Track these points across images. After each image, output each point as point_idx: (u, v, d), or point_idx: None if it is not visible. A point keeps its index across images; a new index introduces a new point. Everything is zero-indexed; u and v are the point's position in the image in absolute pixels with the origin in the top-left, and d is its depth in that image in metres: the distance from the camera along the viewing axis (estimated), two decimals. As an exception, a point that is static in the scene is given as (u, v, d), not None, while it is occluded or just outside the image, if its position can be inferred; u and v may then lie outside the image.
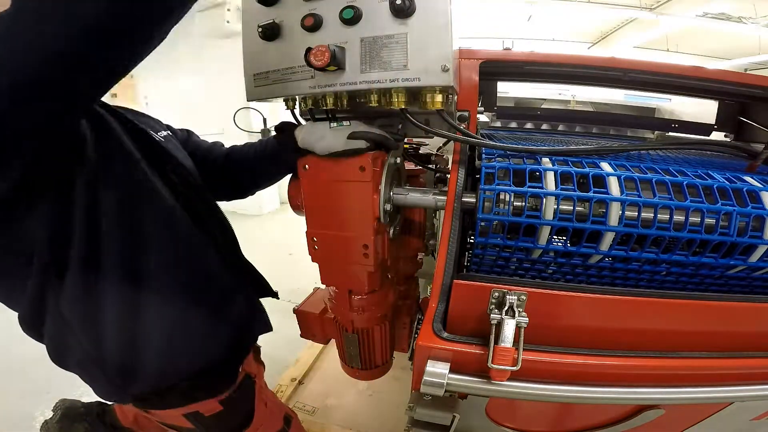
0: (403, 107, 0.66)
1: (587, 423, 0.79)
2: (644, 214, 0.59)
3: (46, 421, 0.95)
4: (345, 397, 1.69)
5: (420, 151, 1.28)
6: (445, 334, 0.59)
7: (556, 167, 0.64)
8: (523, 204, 0.60)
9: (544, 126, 1.29)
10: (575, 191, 0.60)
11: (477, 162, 0.75)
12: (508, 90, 1.58)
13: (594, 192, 0.59)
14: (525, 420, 0.84)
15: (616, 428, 0.75)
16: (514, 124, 1.32)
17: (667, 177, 0.60)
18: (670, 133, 1.21)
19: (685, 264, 0.62)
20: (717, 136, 1.11)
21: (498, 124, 1.26)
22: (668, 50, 7.09)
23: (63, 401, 0.97)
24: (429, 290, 0.74)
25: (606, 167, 0.64)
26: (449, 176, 0.76)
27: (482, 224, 0.63)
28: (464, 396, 0.65)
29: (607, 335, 0.60)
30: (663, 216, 0.58)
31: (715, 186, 0.59)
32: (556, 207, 0.60)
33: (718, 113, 1.10)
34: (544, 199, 0.60)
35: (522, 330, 0.54)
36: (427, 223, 1.16)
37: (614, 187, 0.60)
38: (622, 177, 0.60)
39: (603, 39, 7.55)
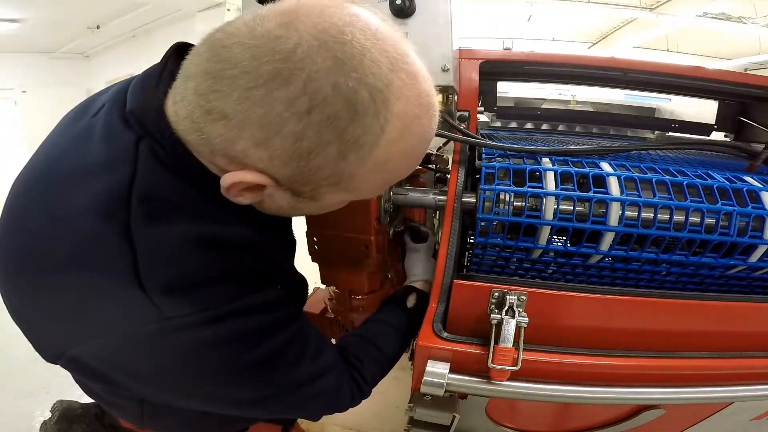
0: (403, 107, 0.66)
1: (587, 423, 0.79)
2: (644, 214, 0.58)
3: (45, 422, 0.94)
4: (345, 397, 1.69)
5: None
6: (445, 334, 0.59)
7: (556, 167, 0.63)
8: (523, 204, 0.60)
9: (544, 126, 1.29)
10: (575, 191, 0.60)
11: (477, 162, 0.75)
12: (508, 90, 1.58)
13: (594, 192, 0.59)
14: (525, 420, 0.84)
15: (616, 428, 0.75)
16: (514, 124, 1.32)
17: (667, 177, 0.60)
18: (670, 133, 1.21)
19: (685, 264, 0.62)
20: (717, 136, 1.11)
21: (498, 124, 1.26)
22: (668, 50, 7.10)
23: (60, 402, 0.96)
24: (429, 290, 0.74)
25: (606, 167, 0.64)
26: (449, 176, 0.76)
27: (482, 224, 0.63)
28: (464, 396, 0.65)
29: (607, 335, 0.60)
30: (663, 216, 0.58)
31: (715, 186, 0.59)
32: (556, 207, 0.60)
33: (718, 113, 1.09)
34: (544, 199, 0.60)
35: (522, 330, 0.54)
36: (427, 223, 1.16)
37: (614, 187, 0.60)
38: (622, 177, 0.60)
39: (603, 39, 7.56)
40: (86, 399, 0.66)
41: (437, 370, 0.57)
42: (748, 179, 0.64)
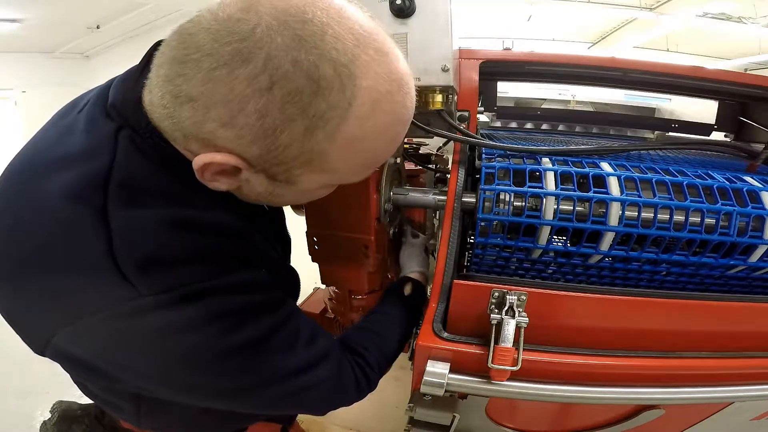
0: (403, 107, 0.66)
1: (587, 423, 0.79)
2: (644, 214, 0.58)
3: (45, 423, 0.94)
4: (345, 397, 1.69)
5: (420, 151, 1.28)
6: (445, 334, 0.59)
7: (556, 167, 0.63)
8: (523, 204, 0.60)
9: (544, 126, 1.29)
10: (575, 191, 0.60)
11: (477, 162, 0.75)
12: (508, 90, 1.58)
13: (594, 192, 0.59)
14: (525, 420, 0.84)
15: (616, 428, 0.75)
16: (514, 124, 1.32)
17: (667, 177, 0.60)
18: (670, 133, 1.21)
19: (685, 264, 0.62)
20: (717, 136, 1.11)
21: (498, 124, 1.26)
22: (668, 50, 7.09)
23: (60, 403, 0.96)
24: (429, 290, 0.74)
25: (606, 167, 0.64)
26: (449, 176, 0.76)
27: (482, 224, 0.63)
28: (464, 396, 0.65)
29: (607, 335, 0.60)
30: (663, 216, 0.58)
31: (715, 186, 0.59)
32: (556, 207, 0.60)
33: (718, 113, 1.09)
34: (544, 199, 0.60)
35: (522, 330, 0.54)
36: (427, 223, 1.17)
37: (614, 187, 0.60)
38: (622, 177, 0.60)
39: (603, 39, 7.55)
40: (86, 400, 0.66)
41: (437, 370, 0.57)
42: (748, 179, 0.64)
